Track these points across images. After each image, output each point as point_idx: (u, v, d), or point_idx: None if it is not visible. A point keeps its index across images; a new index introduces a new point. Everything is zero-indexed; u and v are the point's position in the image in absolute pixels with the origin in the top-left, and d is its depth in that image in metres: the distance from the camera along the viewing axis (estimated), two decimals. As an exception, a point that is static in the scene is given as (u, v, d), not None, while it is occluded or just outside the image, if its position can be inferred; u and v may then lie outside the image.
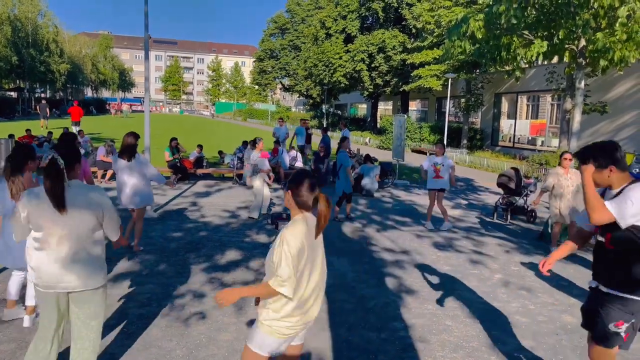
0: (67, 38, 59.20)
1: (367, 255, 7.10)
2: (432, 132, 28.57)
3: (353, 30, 35.70)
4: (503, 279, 6.27)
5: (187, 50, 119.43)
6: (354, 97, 46.22)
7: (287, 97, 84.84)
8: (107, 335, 4.19)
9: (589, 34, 7.82)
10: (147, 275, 5.79)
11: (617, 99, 19.44)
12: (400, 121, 15.79)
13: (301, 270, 2.58)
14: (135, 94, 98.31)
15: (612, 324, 2.84)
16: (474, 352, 4.22)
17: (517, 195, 10.03)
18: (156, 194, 10.81)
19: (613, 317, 2.84)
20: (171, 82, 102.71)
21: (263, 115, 62.15)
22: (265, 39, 58.70)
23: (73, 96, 65.99)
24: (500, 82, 26.06)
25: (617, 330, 2.83)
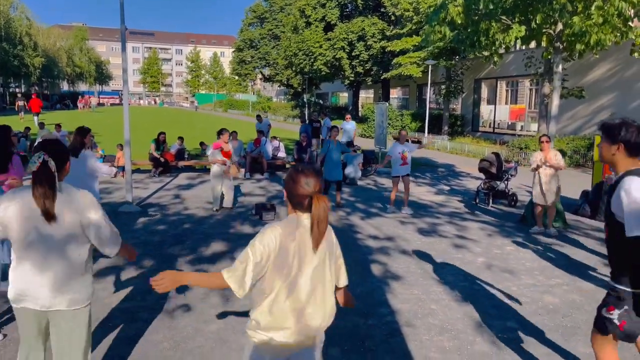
0: (41, 31, 57.66)
1: (352, 242, 7.14)
2: (414, 119, 28.69)
3: (333, 19, 35.55)
4: (486, 262, 6.37)
5: (165, 41, 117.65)
6: (335, 86, 46.14)
7: (268, 87, 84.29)
8: (94, 330, 4.15)
9: (566, 17, 7.90)
10: (130, 269, 5.74)
11: (594, 83, 19.74)
12: (382, 109, 15.84)
13: (287, 276, 2.22)
14: (113, 87, 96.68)
15: (604, 308, 2.84)
16: (459, 334, 4.29)
17: (498, 179, 10.16)
18: (137, 188, 10.71)
19: (606, 302, 2.85)
20: (149, 74, 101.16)
21: (244, 105, 61.64)
22: (244, 28, 58.11)
23: (49, 90, 64.72)
24: (480, 68, 26.25)
25: (609, 315, 2.80)
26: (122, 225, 7.63)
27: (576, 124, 20.66)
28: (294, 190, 2.24)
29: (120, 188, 10.65)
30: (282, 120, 43.93)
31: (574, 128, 20.60)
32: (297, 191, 2.23)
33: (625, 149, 2.75)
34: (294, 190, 2.24)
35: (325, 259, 2.32)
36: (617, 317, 2.77)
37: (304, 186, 2.21)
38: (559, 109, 10.46)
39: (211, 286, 2.31)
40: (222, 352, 3.88)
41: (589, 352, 4.01)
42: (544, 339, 4.22)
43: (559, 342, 4.18)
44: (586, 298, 5.18)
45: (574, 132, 20.24)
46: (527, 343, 4.15)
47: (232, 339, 4.11)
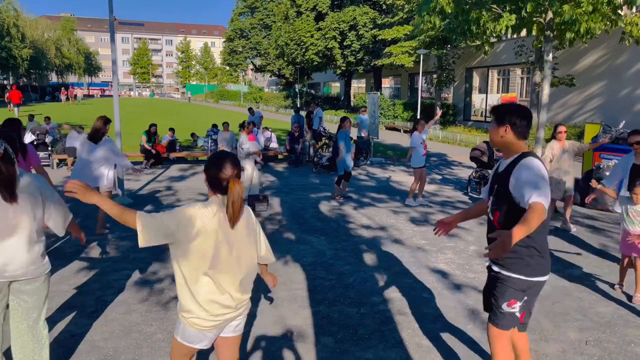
0: (29, 22, 56.87)
1: (345, 232, 7.17)
2: (406, 108, 28.70)
3: (324, 8, 35.33)
4: (478, 250, 6.42)
5: (155, 31, 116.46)
6: (327, 75, 45.97)
7: (259, 77, 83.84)
8: (86, 323, 4.16)
9: (556, 6, 7.91)
10: (124, 261, 5.73)
11: (585, 71, 19.82)
12: (374, 99, 15.82)
13: (210, 253, 2.40)
14: (102, 78, 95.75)
15: (505, 303, 2.76)
16: (451, 322, 4.34)
17: (489, 168, 10.20)
18: (128, 180, 10.66)
19: (506, 296, 2.76)
20: (139, 65, 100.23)
21: (235, 96, 61.29)
22: (235, 18, 57.57)
23: (37, 82, 63.99)
24: (471, 57, 26.26)
25: (511, 310, 2.75)
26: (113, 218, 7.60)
27: (567, 112, 20.77)
28: (214, 174, 2.45)
29: (112, 180, 10.59)
30: (275, 111, 43.77)
31: (565, 116, 20.71)
32: (216, 175, 2.44)
33: (512, 131, 2.72)
34: (214, 175, 2.45)
35: (244, 236, 2.56)
36: (519, 310, 2.76)
37: (222, 170, 2.43)
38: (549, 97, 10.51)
39: (119, 219, 2.39)
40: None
41: (579, 337, 4.08)
42: (535, 325, 4.28)
43: (549, 328, 4.24)
44: (576, 284, 5.25)
45: (564, 120, 20.35)
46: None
47: (226, 329, 4.13)
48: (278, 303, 4.66)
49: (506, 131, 2.73)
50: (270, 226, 7.45)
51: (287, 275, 5.38)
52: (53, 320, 4.21)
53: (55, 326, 4.10)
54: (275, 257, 3.05)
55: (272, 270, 5.51)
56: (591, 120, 18.34)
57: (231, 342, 2.64)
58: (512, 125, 2.72)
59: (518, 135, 2.73)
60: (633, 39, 10.41)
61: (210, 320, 2.47)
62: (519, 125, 2.72)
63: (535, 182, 2.57)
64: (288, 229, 7.28)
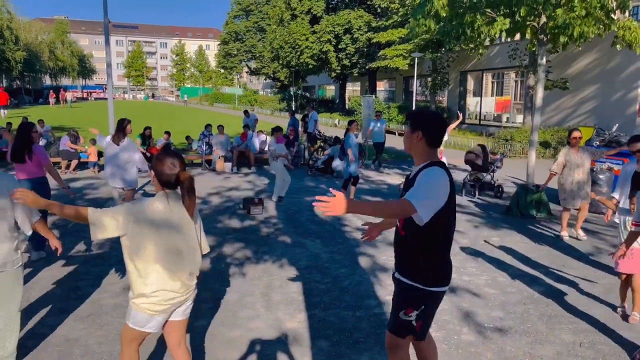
0: (22, 24, 56.64)
1: (340, 235, 7.17)
2: (400, 111, 28.77)
3: (319, 11, 35.36)
4: (472, 253, 6.44)
5: (149, 34, 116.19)
6: (321, 78, 46.00)
7: (254, 80, 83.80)
8: (82, 327, 4.14)
9: (550, 10, 7.96)
10: (120, 265, 5.71)
11: (578, 75, 19.95)
12: (369, 102, 15.87)
13: (163, 244, 2.62)
14: (96, 81, 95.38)
15: (402, 311, 2.70)
16: (446, 324, 4.35)
17: (484, 171, 10.25)
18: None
19: (403, 304, 2.71)
20: (134, 68, 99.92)
21: (230, 99, 61.21)
22: (230, 21, 57.53)
23: (31, 85, 63.67)
24: (466, 60, 26.37)
25: (407, 318, 2.69)
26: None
27: (560, 115, 20.88)
28: (162, 170, 2.65)
29: (107, 184, 10.55)
30: (269, 114, 43.76)
31: (559, 119, 20.82)
32: (165, 171, 2.64)
33: (424, 138, 2.66)
34: (163, 171, 2.65)
35: (191, 226, 2.77)
36: (415, 319, 2.69)
37: (170, 167, 2.64)
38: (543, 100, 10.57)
39: (74, 218, 2.58)
40: (211, 347, 3.90)
41: (573, 340, 4.10)
42: (529, 328, 4.30)
43: (543, 331, 4.26)
44: (570, 287, 5.28)
45: (558, 124, 20.46)
46: (513, 332, 4.22)
47: (221, 333, 4.12)
48: (273, 306, 4.66)
49: (418, 137, 2.67)
50: (266, 229, 7.44)
51: (282, 279, 5.37)
52: (48, 324, 4.19)
53: (49, 330, 4.08)
54: (271, 261, 3.10)
55: (268, 274, 5.51)
56: (584, 123, 18.46)
57: (179, 326, 2.87)
58: (424, 132, 2.66)
59: (429, 143, 2.67)
60: (625, 42, 10.49)
61: (160, 305, 2.67)
62: (432, 133, 2.67)
63: (424, 188, 2.53)
64: (283, 232, 7.28)
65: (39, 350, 3.79)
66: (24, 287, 4.98)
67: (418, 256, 2.66)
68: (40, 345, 3.86)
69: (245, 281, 5.29)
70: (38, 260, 5.73)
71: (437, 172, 2.59)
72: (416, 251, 2.66)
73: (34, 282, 5.15)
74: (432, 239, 2.63)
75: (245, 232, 7.24)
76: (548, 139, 17.99)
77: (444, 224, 2.62)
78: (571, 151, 7.02)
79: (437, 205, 2.53)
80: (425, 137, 2.66)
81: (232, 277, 5.40)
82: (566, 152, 7.06)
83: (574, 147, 7.02)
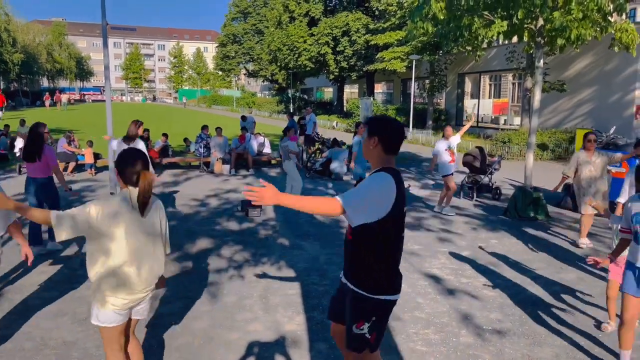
0: (20, 26, 56.60)
1: (339, 237, 7.17)
2: (398, 114, 28.80)
3: (317, 13, 35.43)
4: (471, 255, 6.45)
5: (147, 36, 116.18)
6: (320, 81, 46.05)
7: (252, 82, 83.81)
8: (79, 329, 4.13)
9: (547, 13, 7.98)
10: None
11: (575, 77, 20.00)
12: (367, 104, 15.89)
13: (123, 241, 2.66)
14: (94, 83, 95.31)
15: (354, 325, 2.62)
16: (444, 327, 4.35)
17: (482, 173, 10.26)
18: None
19: (354, 317, 2.63)
20: (132, 70, 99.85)
21: (228, 101, 61.21)
22: (228, 23, 57.62)
23: (29, 87, 63.57)
24: (463, 62, 26.42)
25: (359, 331, 2.61)
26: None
27: (558, 117, 20.92)
28: (125, 169, 2.71)
29: (104, 186, 10.55)
30: (267, 116, 43.76)
31: (556, 121, 20.86)
32: (128, 170, 2.71)
33: (381, 144, 2.64)
34: (125, 169, 2.71)
35: (153, 225, 2.83)
36: (368, 331, 2.61)
37: (133, 165, 2.71)
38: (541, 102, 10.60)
39: (41, 221, 2.69)
40: (209, 349, 3.89)
41: (571, 342, 4.10)
42: (527, 330, 4.30)
43: (542, 333, 4.26)
44: (568, 289, 5.28)
45: (555, 126, 20.50)
46: (511, 334, 4.23)
47: (220, 335, 4.12)
48: (272, 309, 4.65)
49: (374, 143, 2.64)
50: (264, 232, 7.44)
51: (280, 281, 5.37)
52: (45, 327, 4.18)
53: (46, 333, 4.07)
54: (269, 263, 3.10)
55: (266, 276, 5.50)
56: (582, 125, 18.49)
57: (133, 324, 2.99)
58: (380, 139, 2.63)
59: (386, 149, 2.64)
60: (623, 45, 10.53)
61: (123, 301, 2.75)
62: (389, 140, 2.64)
63: (360, 190, 2.51)
64: (282, 235, 7.28)
65: (36, 353, 3.77)
66: (20, 289, 4.99)
67: (364, 261, 2.61)
68: (37, 348, 3.84)
69: (244, 283, 5.29)
70: (35, 259, 5.72)
71: (381, 178, 2.54)
72: (362, 256, 2.61)
73: (30, 284, 5.13)
74: (377, 246, 2.58)
75: (244, 235, 7.24)
76: (546, 141, 18.03)
77: (388, 233, 2.57)
78: (583, 155, 6.80)
79: (370, 209, 2.47)
80: (381, 143, 2.64)
81: (230, 280, 5.39)
82: (578, 155, 6.85)
83: (588, 150, 6.76)
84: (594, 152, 6.79)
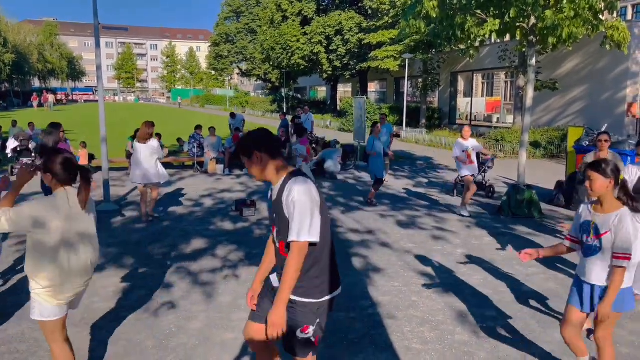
0: (11, 27, 56.25)
1: (333, 237, 7.16)
2: (392, 112, 28.85)
3: (309, 13, 35.40)
4: (465, 253, 6.47)
5: (139, 36, 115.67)
6: (313, 80, 46.05)
7: (245, 81, 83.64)
8: (74, 331, 4.11)
9: (539, 11, 8.02)
10: (111, 269, 5.67)
11: (567, 75, 20.12)
12: (360, 103, 15.89)
13: (66, 236, 2.82)
14: (86, 83, 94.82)
15: (298, 330, 2.57)
16: (439, 325, 4.36)
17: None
18: (114, 186, 10.57)
19: (299, 323, 2.57)
20: (124, 70, 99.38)
21: (221, 101, 61.07)
22: (220, 22, 57.44)
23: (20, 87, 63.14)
24: (456, 61, 26.50)
25: (305, 336, 2.58)
26: (100, 224, 7.53)
27: (550, 115, 21.05)
28: (61, 170, 2.85)
29: (98, 186, 10.48)
30: (261, 116, 43.70)
31: (548, 119, 20.99)
32: (64, 171, 2.86)
33: (264, 153, 2.56)
34: (62, 171, 2.85)
35: (90, 221, 3.03)
36: (312, 335, 2.58)
37: (68, 165, 2.87)
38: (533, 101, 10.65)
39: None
40: (205, 349, 3.88)
41: (565, 338, 4.13)
42: (522, 327, 4.33)
43: (537, 330, 4.28)
44: (562, 286, 5.31)
45: (548, 124, 20.62)
46: (506, 331, 4.25)
47: (215, 335, 4.11)
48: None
49: (260, 158, 2.56)
50: (258, 231, 7.43)
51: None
52: (38, 329, 4.15)
53: (41, 335, 4.04)
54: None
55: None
56: (574, 123, 18.61)
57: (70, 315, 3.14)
58: (260, 150, 2.56)
59: (271, 155, 2.57)
60: (614, 43, 10.60)
61: (64, 294, 2.88)
62: (265, 145, 2.57)
63: (300, 214, 2.43)
64: (276, 234, 7.26)
65: (31, 355, 3.76)
66: (14, 291, 4.95)
67: (315, 267, 2.56)
68: (31, 350, 3.82)
69: (239, 283, 5.28)
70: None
71: (300, 186, 2.47)
72: (314, 262, 2.56)
73: (23, 286, 5.09)
74: (314, 253, 2.54)
75: (238, 234, 7.23)
76: (538, 139, 18.13)
77: (321, 231, 2.54)
78: (592, 156, 6.41)
79: (313, 222, 2.46)
80: (263, 152, 2.56)
81: (225, 280, 5.39)
82: (590, 157, 6.47)
83: (601, 150, 6.31)
84: (607, 153, 6.30)
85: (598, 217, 3.09)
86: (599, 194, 3.06)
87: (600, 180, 3.03)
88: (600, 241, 3.05)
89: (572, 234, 3.37)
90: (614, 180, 3.03)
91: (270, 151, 2.58)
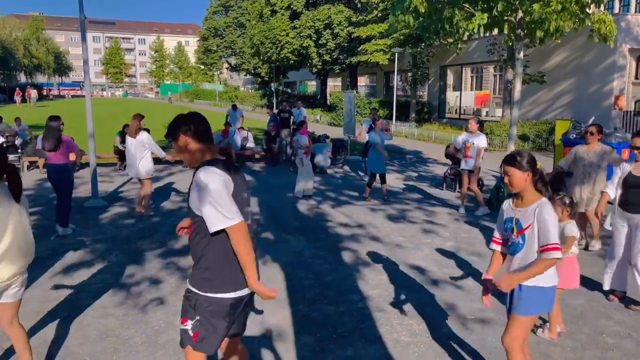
0: (-5, 21, 55.42)
1: (323, 231, 7.19)
2: (381, 106, 28.89)
3: (299, 7, 35.24)
4: (454, 246, 6.52)
5: (127, 30, 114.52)
6: (302, 74, 45.93)
7: (235, 76, 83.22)
8: (61, 328, 4.08)
9: (526, 5, 8.08)
10: (99, 264, 5.64)
11: (555, 68, 20.26)
12: (350, 97, 15.88)
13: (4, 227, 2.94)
14: (73, 78, 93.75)
15: (179, 319, 2.57)
16: (428, 317, 4.40)
17: (464, 165, 10.33)
18: (102, 182, 10.49)
19: (181, 312, 2.58)
20: (112, 65, 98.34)
21: (210, 95, 60.69)
22: (209, 17, 57.04)
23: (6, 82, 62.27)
24: (445, 54, 26.56)
25: (183, 327, 2.54)
26: (89, 220, 7.49)
27: (538, 108, 21.19)
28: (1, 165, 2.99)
29: (86, 182, 10.40)
30: (251, 110, 43.55)
31: (536, 113, 21.13)
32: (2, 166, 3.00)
33: (189, 137, 2.48)
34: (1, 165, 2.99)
35: (23, 211, 3.13)
36: (192, 329, 2.53)
37: (5, 161, 3.04)
38: (521, 94, 10.72)
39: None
40: (195, 345, 3.87)
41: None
42: (509, 319, 4.37)
43: (523, 321, 4.32)
44: (549, 277, 5.36)
45: (536, 117, 20.77)
46: (494, 324, 4.29)
47: (205, 331, 4.10)
48: (257, 303, 4.64)
49: (185, 141, 2.49)
50: (248, 226, 7.41)
51: (265, 275, 5.36)
52: (26, 326, 4.12)
53: (28, 332, 4.01)
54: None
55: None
56: (561, 116, 18.75)
57: (9, 307, 3.16)
58: (185, 133, 2.48)
59: (198, 139, 2.49)
60: (601, 36, 10.70)
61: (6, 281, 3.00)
62: (193, 129, 2.48)
63: (212, 203, 2.37)
64: (266, 229, 7.27)
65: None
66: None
67: (203, 258, 2.51)
68: (19, 348, 3.79)
69: (228, 278, 5.27)
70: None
71: (209, 176, 2.40)
72: (202, 253, 2.51)
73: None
74: (216, 241, 2.47)
75: (228, 229, 7.19)
76: (527, 132, 18.25)
77: None
78: (582, 149, 6.19)
79: (232, 211, 2.39)
80: (189, 135, 2.48)
81: (215, 275, 5.37)
82: (577, 150, 6.26)
83: (589, 144, 6.10)
84: (595, 147, 6.10)
85: (519, 212, 2.93)
86: (520, 188, 2.91)
87: (517, 174, 2.88)
88: (524, 237, 2.88)
89: (496, 236, 3.15)
90: (532, 172, 2.89)
91: (196, 135, 2.49)
